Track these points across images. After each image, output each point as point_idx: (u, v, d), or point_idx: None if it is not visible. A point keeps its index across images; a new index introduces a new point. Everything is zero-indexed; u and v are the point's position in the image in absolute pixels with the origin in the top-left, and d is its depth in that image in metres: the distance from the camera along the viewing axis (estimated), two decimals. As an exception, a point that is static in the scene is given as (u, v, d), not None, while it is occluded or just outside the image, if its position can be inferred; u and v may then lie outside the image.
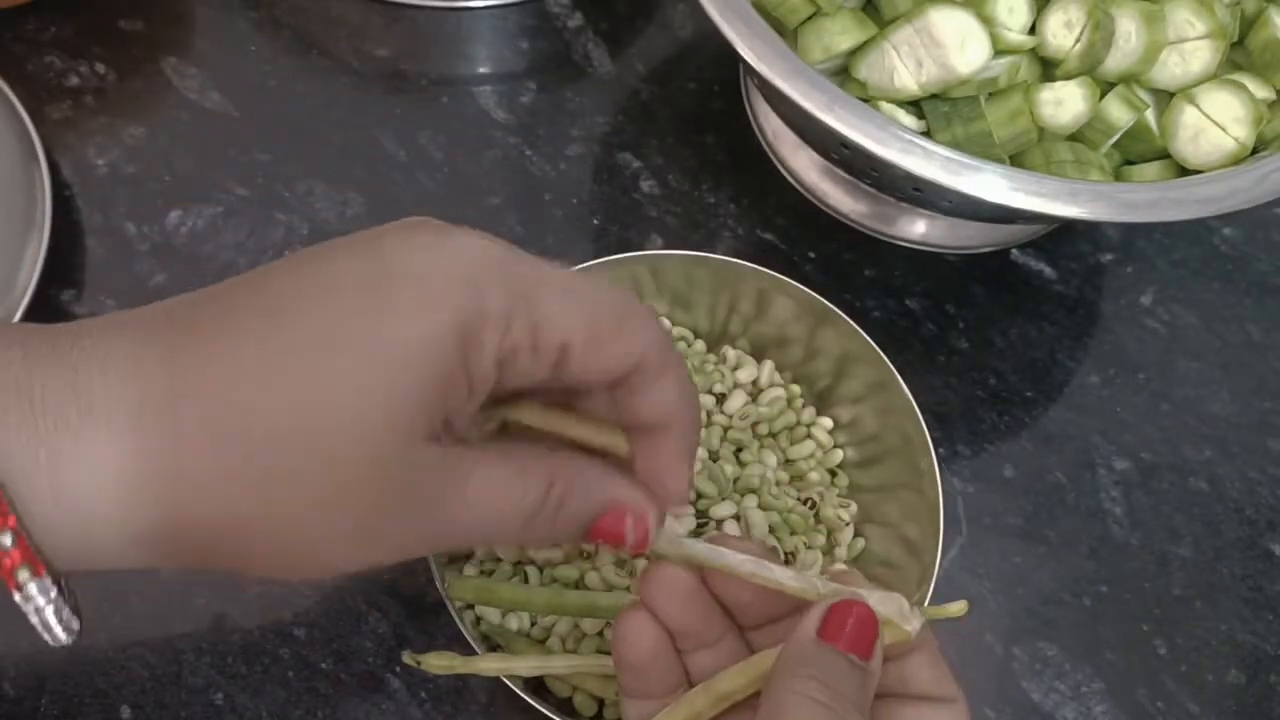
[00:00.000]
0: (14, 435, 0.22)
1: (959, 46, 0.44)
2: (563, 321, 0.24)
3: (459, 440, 0.25)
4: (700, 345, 0.47)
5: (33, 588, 0.23)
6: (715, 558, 0.29)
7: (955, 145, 0.43)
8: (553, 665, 0.36)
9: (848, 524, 0.44)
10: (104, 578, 0.43)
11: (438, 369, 0.23)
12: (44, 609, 0.24)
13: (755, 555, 0.29)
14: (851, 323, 0.43)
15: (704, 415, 0.44)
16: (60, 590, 0.24)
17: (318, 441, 0.23)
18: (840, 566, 0.29)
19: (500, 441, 0.28)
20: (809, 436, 0.45)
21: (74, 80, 0.54)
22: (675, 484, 0.28)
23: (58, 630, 0.25)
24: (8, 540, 0.22)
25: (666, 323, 0.47)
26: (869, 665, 0.27)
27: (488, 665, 0.35)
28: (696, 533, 0.41)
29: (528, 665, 0.35)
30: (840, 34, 0.45)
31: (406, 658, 0.33)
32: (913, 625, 0.28)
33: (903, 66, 0.45)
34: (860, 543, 0.43)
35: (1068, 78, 0.46)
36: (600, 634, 0.40)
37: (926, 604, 0.38)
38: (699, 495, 0.41)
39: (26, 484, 0.22)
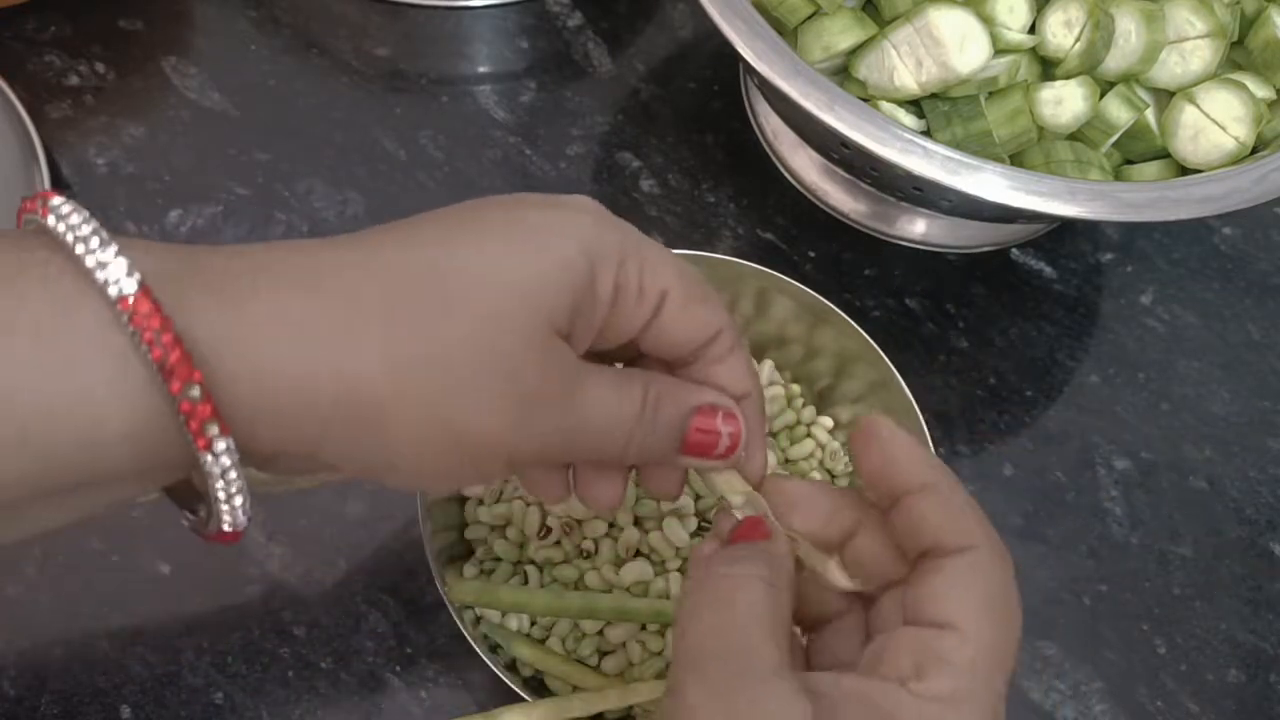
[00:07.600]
0: (196, 301, 0.23)
1: (959, 46, 0.44)
2: (664, 270, 0.28)
3: None
4: (700, 345, 0.47)
5: (221, 445, 0.23)
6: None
7: (955, 145, 0.43)
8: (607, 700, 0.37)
9: (848, 523, 0.44)
10: (102, 580, 0.43)
11: (574, 278, 0.26)
12: (229, 471, 0.23)
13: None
14: (851, 322, 0.43)
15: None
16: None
17: (480, 318, 0.25)
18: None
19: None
20: (809, 436, 0.45)
21: (74, 80, 0.54)
22: (756, 454, 0.30)
23: (237, 505, 0.24)
24: (196, 393, 0.22)
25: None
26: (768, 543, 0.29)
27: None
28: (697, 534, 0.41)
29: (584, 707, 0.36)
30: (840, 33, 0.45)
31: None
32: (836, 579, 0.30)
33: (902, 66, 0.45)
34: (860, 542, 0.43)
35: (1068, 77, 0.46)
36: (600, 633, 0.40)
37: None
38: (698, 496, 0.41)
39: (210, 344, 0.23)
